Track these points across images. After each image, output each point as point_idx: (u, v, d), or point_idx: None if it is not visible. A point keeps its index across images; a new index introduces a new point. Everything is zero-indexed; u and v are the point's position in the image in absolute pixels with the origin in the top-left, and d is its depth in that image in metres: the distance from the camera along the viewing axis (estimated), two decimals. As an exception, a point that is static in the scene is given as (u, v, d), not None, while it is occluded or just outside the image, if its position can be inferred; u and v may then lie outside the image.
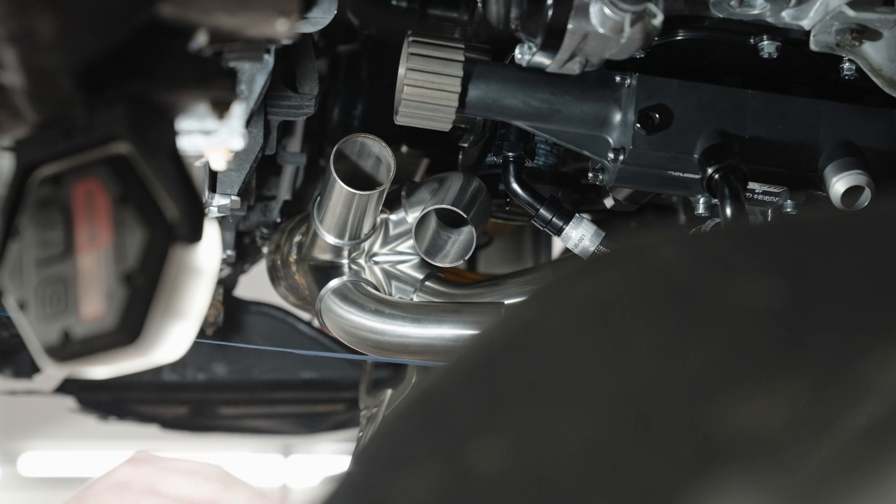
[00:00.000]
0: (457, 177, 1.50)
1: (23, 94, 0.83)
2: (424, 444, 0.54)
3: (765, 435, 0.52)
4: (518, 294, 1.54)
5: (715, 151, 1.28)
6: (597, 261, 0.67)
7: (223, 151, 0.99)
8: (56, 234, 0.86)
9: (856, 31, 1.19)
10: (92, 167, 0.85)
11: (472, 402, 0.55)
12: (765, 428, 0.52)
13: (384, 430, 0.56)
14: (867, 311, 0.56)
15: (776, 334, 0.56)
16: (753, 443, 0.51)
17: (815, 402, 0.53)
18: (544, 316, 0.58)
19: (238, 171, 1.41)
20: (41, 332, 0.85)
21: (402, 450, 0.54)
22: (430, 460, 0.53)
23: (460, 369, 0.57)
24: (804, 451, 0.51)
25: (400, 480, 0.52)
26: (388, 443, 0.55)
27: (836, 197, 1.28)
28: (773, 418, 0.52)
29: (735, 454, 0.51)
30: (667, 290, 0.57)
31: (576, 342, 0.57)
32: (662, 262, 0.59)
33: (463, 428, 0.54)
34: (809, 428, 0.52)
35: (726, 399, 0.53)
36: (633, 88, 1.31)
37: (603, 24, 1.11)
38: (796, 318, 0.56)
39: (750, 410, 0.53)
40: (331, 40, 1.85)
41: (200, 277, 0.87)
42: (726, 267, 0.58)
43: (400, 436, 0.55)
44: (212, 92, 0.91)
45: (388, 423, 0.56)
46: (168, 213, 0.84)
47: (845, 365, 0.54)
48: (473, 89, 1.33)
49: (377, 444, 0.55)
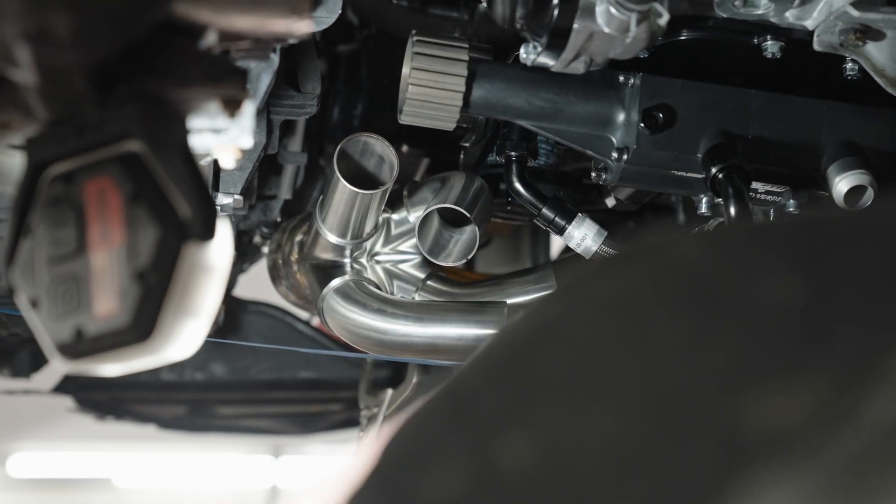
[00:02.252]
0: (459, 176, 1.50)
1: (36, 91, 0.83)
2: (450, 440, 0.54)
3: (788, 430, 0.52)
4: (520, 294, 1.54)
5: (718, 151, 1.28)
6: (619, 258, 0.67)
7: (232, 150, 0.99)
8: (68, 232, 0.85)
9: (859, 31, 1.19)
10: (104, 165, 0.85)
11: (497, 399, 0.55)
12: (788, 423, 0.52)
13: (410, 426, 0.56)
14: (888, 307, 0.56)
15: (798, 330, 0.56)
16: (778, 438, 0.51)
17: (838, 397, 0.53)
18: (568, 312, 0.58)
19: (241, 170, 1.41)
20: (53, 330, 0.85)
21: (429, 446, 0.54)
22: (456, 456, 0.53)
23: (485, 365, 0.58)
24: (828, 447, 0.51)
25: (426, 476, 0.53)
26: (414, 439, 0.55)
27: (839, 197, 1.28)
28: (796, 414, 0.53)
29: (760, 450, 0.51)
30: (689, 287, 0.58)
31: (600, 339, 0.57)
32: (685, 259, 0.59)
33: (488, 424, 0.54)
34: (832, 423, 0.52)
35: (750, 395, 0.53)
36: (637, 88, 1.31)
37: (608, 24, 1.12)
38: (818, 313, 0.56)
39: (773, 406, 0.53)
40: (330, 40, 1.85)
41: (212, 275, 0.87)
42: (748, 263, 0.58)
43: (426, 432, 0.55)
44: (223, 90, 0.91)
45: (413, 419, 0.56)
46: (181, 211, 0.84)
47: (867, 360, 0.54)
48: (478, 89, 1.33)
49: (402, 441, 0.55)
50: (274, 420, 2.52)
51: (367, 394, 2.00)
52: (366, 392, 2.01)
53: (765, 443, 0.51)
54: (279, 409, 2.41)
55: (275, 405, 2.37)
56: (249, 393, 2.28)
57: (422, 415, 0.57)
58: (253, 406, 2.37)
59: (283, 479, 6.12)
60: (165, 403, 2.34)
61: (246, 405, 2.36)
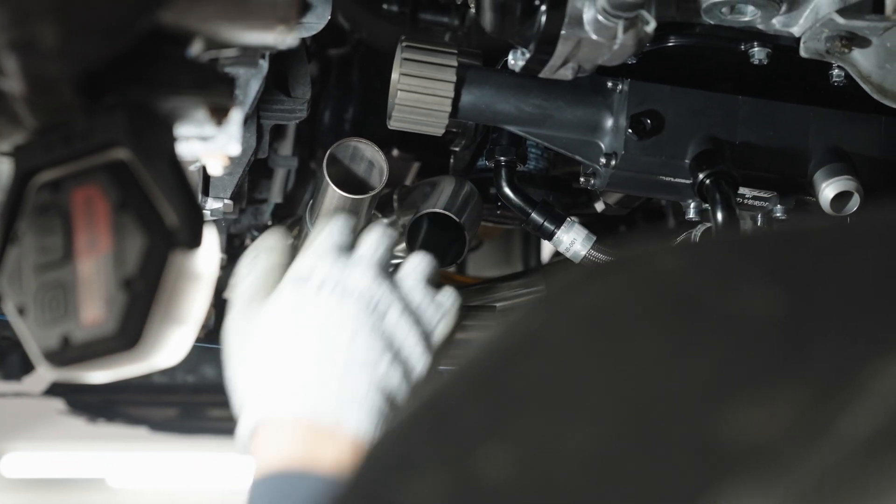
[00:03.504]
0: (449, 181, 1.51)
1: (23, 100, 0.83)
2: (431, 452, 0.54)
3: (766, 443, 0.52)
4: (510, 297, 1.54)
5: (706, 157, 1.29)
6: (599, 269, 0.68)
7: (221, 157, 0.99)
8: (55, 240, 0.86)
9: (845, 38, 1.20)
10: (91, 173, 0.86)
11: (478, 411, 0.56)
12: (766, 436, 0.53)
13: (390, 438, 0.56)
14: (868, 319, 0.57)
15: (778, 342, 0.57)
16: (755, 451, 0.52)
17: (816, 409, 0.53)
18: (548, 324, 0.58)
19: (231, 174, 1.41)
20: (40, 337, 0.85)
21: (409, 456, 0.55)
22: (436, 467, 0.54)
23: (466, 377, 0.58)
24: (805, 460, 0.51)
25: (406, 488, 0.53)
26: (395, 450, 0.55)
27: (825, 202, 1.29)
28: (774, 426, 0.53)
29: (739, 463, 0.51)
30: (669, 298, 0.58)
31: (579, 350, 0.57)
32: (664, 270, 0.59)
33: (469, 435, 0.55)
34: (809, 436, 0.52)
35: (730, 407, 0.54)
36: (625, 94, 1.32)
37: (596, 31, 1.12)
38: (797, 325, 0.57)
39: (752, 418, 0.53)
40: (321, 44, 1.85)
41: (199, 283, 0.87)
42: (728, 275, 0.59)
43: (406, 442, 0.56)
44: (211, 98, 0.91)
45: (394, 429, 0.57)
46: (167, 220, 0.84)
47: (845, 373, 0.55)
48: (466, 94, 1.33)
49: (383, 450, 0.56)
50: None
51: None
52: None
53: (741, 456, 0.52)
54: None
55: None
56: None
57: (403, 426, 0.57)
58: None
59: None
60: (157, 406, 2.35)
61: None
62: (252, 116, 1.37)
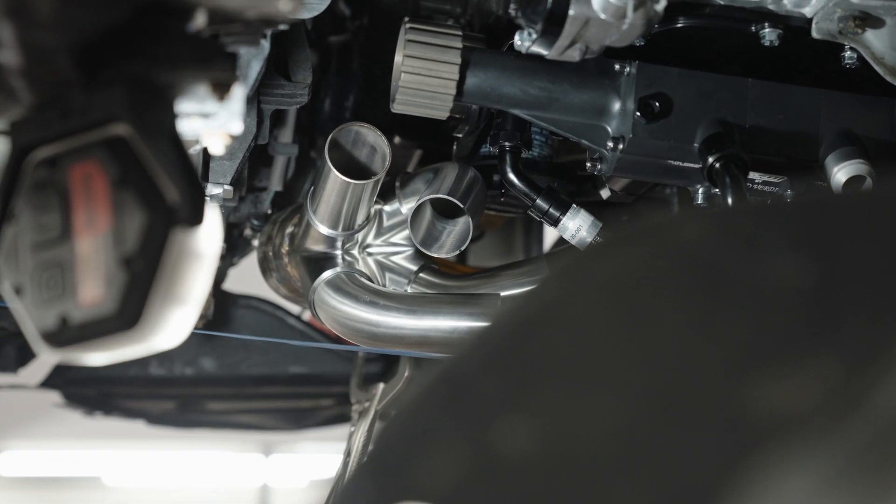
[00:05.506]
0: (452, 167, 1.49)
1: (19, 73, 0.81)
2: (447, 425, 0.52)
3: (799, 415, 0.50)
4: (513, 286, 1.52)
5: (715, 140, 1.26)
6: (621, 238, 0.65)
7: (222, 136, 0.97)
8: (53, 218, 0.83)
9: (858, 18, 1.18)
10: (90, 149, 0.83)
11: (496, 382, 0.53)
12: (798, 408, 0.51)
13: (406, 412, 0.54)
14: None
15: (806, 314, 0.54)
16: (788, 423, 0.50)
17: (848, 382, 0.51)
18: (567, 295, 0.56)
19: (231, 160, 1.39)
20: (38, 318, 0.83)
21: (425, 432, 0.52)
22: (453, 442, 0.51)
23: (482, 349, 0.56)
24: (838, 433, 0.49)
25: (424, 462, 0.51)
26: (411, 425, 0.53)
27: (837, 186, 1.27)
28: (805, 398, 0.51)
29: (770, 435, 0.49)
30: (694, 269, 0.56)
31: (600, 321, 0.55)
32: (689, 239, 0.57)
33: (486, 409, 0.53)
34: (843, 408, 0.50)
35: (758, 380, 0.52)
36: (633, 77, 1.30)
37: (605, 10, 1.10)
38: (826, 297, 0.55)
39: (782, 391, 0.51)
40: (322, 31, 1.83)
41: (201, 262, 0.85)
42: (754, 245, 0.57)
43: (422, 418, 0.53)
44: (212, 73, 0.89)
45: (410, 405, 0.54)
46: (168, 196, 0.82)
47: (876, 346, 0.52)
48: (471, 77, 1.31)
49: (399, 427, 0.54)
50: (264, 416, 2.50)
51: (359, 389, 1.98)
52: (357, 387, 1.99)
53: (774, 427, 0.49)
54: (269, 405, 2.39)
55: (265, 401, 2.35)
56: (239, 388, 2.25)
57: (418, 400, 0.55)
58: (243, 402, 2.35)
59: (274, 477, 6.10)
60: (154, 399, 2.32)
61: (236, 401, 2.34)
62: (252, 100, 1.35)
